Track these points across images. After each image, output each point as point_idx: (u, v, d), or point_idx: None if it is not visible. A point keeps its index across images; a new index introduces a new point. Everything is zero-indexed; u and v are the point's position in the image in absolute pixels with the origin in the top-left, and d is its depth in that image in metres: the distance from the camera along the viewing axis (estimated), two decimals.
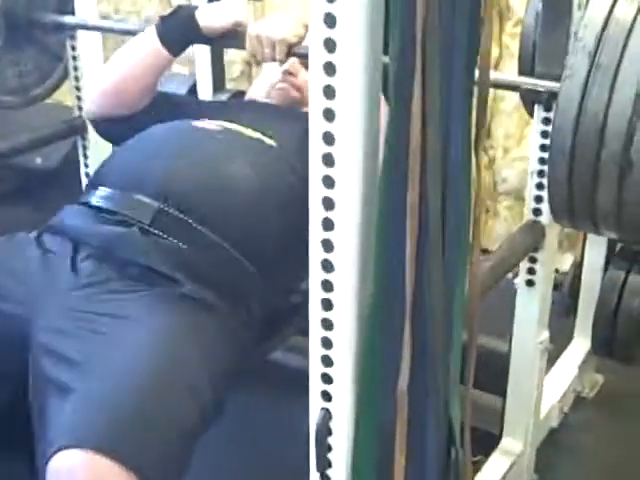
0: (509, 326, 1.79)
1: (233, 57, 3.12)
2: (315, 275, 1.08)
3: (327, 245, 1.05)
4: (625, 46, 1.31)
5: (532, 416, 1.82)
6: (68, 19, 2.06)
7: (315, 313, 1.10)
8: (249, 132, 1.72)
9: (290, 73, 1.92)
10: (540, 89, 1.59)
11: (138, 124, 1.78)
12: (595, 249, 2.11)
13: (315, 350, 1.12)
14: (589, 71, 1.32)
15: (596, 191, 1.37)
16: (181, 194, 1.54)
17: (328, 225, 1.04)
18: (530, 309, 1.76)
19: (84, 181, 2.28)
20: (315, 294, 1.08)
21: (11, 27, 2.06)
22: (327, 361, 1.11)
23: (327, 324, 1.09)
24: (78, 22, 2.06)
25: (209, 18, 1.80)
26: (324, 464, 1.15)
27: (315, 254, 1.06)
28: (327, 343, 1.10)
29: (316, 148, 1.01)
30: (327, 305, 1.08)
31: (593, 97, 1.32)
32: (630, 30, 1.32)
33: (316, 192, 1.04)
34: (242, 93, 2.50)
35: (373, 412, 1.12)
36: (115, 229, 1.50)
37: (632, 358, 2.12)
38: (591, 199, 1.39)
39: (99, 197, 1.57)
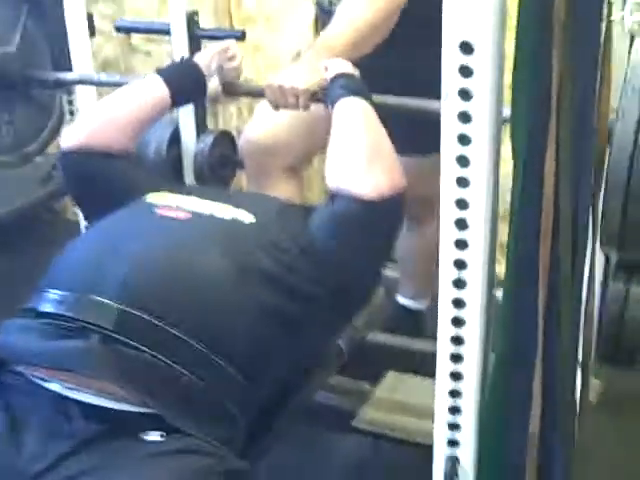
0: None
1: None
2: (444, 328, 1.13)
3: (457, 302, 1.10)
4: None
5: None
6: (68, 76, 2.04)
7: (443, 365, 1.15)
8: (222, 210, 1.50)
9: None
10: None
11: (112, 171, 1.65)
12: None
13: (442, 400, 1.17)
14: None
15: None
16: (146, 293, 1.30)
17: (459, 284, 1.10)
18: None
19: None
20: (444, 348, 1.14)
21: (5, 86, 2.02)
22: (454, 410, 1.17)
23: (456, 376, 1.15)
24: (78, 78, 2.04)
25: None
26: None
27: (444, 321, 1.11)
28: (455, 393, 1.16)
29: (449, 192, 1.07)
30: (456, 358, 1.13)
31: None
32: None
33: (447, 254, 1.09)
34: (226, 133, 2.51)
35: (500, 456, 1.17)
36: (69, 343, 1.24)
37: (634, 364, 2.24)
38: None
39: (48, 302, 1.30)
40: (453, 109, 1.02)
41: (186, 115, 2.35)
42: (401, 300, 2.52)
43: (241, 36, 2.34)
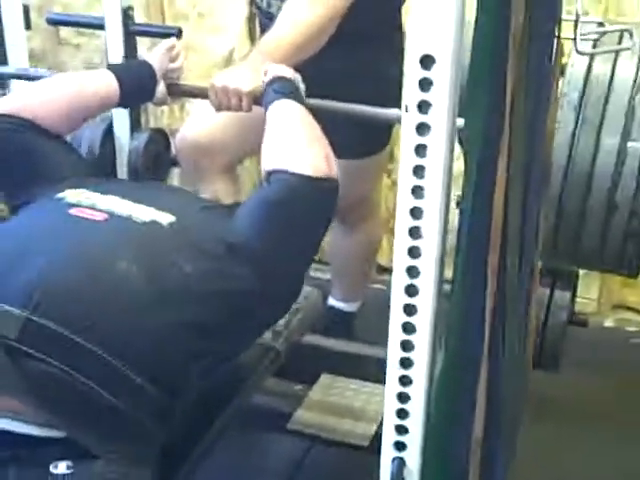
0: None
1: None
2: (395, 334, 1.15)
3: (408, 309, 1.13)
4: (607, 101, 1.47)
5: None
6: (5, 69, 2.00)
7: (392, 370, 1.17)
8: (141, 212, 1.41)
9: None
10: None
11: (38, 146, 1.57)
12: None
13: (390, 404, 1.19)
14: (576, 123, 1.48)
15: (582, 232, 1.53)
16: (55, 301, 1.21)
17: (410, 291, 1.12)
18: None
19: None
20: (393, 352, 1.16)
21: None
22: (402, 414, 1.19)
23: (405, 380, 1.17)
24: (14, 72, 2.00)
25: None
26: None
27: (395, 326, 1.13)
28: (403, 397, 1.18)
29: (405, 201, 1.09)
30: (406, 363, 1.16)
31: (581, 147, 1.47)
32: (609, 87, 1.48)
33: (400, 260, 1.11)
34: (160, 131, 2.49)
35: (445, 460, 1.20)
36: None
37: (556, 368, 2.31)
38: (577, 239, 1.54)
39: None
40: (412, 121, 1.04)
41: (120, 113, 2.32)
42: (332, 302, 2.54)
43: (177, 33, 2.31)
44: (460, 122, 1.08)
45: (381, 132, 2.15)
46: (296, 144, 1.46)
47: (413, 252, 1.11)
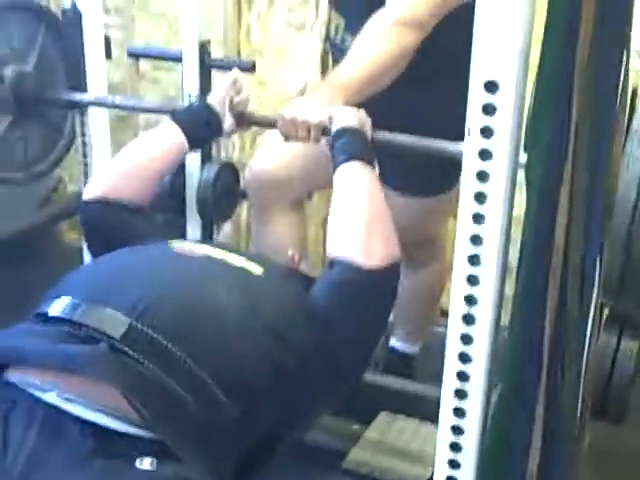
0: None
1: None
2: (450, 366, 1.13)
3: (465, 339, 1.11)
4: None
5: None
6: (83, 97, 2.06)
7: (446, 401, 1.15)
8: (233, 258, 1.54)
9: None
10: None
11: (128, 225, 1.72)
12: None
13: (444, 436, 1.17)
14: None
15: None
16: (157, 313, 1.33)
17: (468, 319, 1.10)
18: None
19: (87, 257, 2.25)
20: (449, 383, 1.14)
21: (19, 103, 2.03)
22: (455, 447, 1.17)
23: (459, 412, 1.15)
24: (92, 100, 2.06)
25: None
26: None
27: (451, 356, 1.12)
28: (457, 430, 1.16)
29: (465, 228, 1.09)
30: (460, 394, 1.14)
31: None
32: None
33: (459, 289, 1.10)
34: (229, 164, 2.53)
35: None
36: (78, 347, 1.27)
37: (622, 419, 2.25)
38: None
39: (60, 307, 1.33)
40: (474, 146, 1.03)
41: None
42: (394, 343, 2.52)
43: (251, 67, 2.37)
44: (524, 158, 1.08)
45: (450, 170, 2.14)
46: (360, 230, 1.50)
47: (471, 280, 1.10)
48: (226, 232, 3.09)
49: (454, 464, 1.18)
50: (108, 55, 2.11)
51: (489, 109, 1.02)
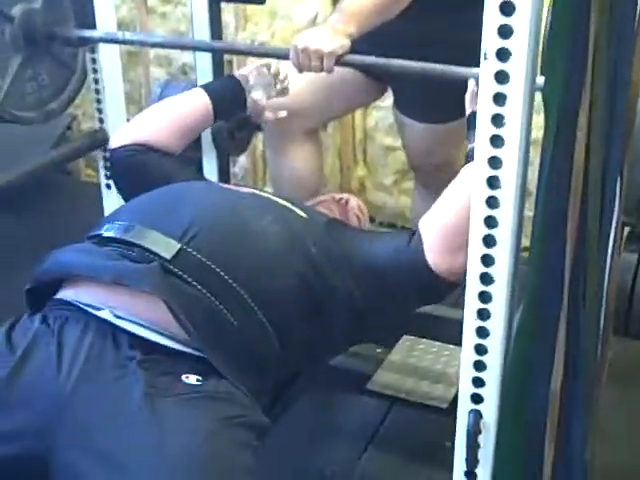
0: None
1: None
2: (472, 288, 1.15)
3: (486, 260, 1.13)
4: None
5: None
6: (93, 33, 2.04)
7: (469, 322, 1.17)
8: (279, 199, 1.63)
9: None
10: None
11: (160, 167, 1.76)
12: None
13: (467, 355, 1.19)
14: None
15: None
16: (206, 239, 1.40)
17: (489, 242, 1.12)
18: None
19: (105, 194, 2.27)
20: (471, 304, 1.16)
21: (29, 42, 2.03)
22: (479, 366, 1.19)
23: (482, 333, 1.17)
24: (102, 36, 2.04)
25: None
26: (473, 463, 1.23)
27: (472, 275, 1.14)
28: (480, 349, 1.18)
29: (483, 151, 1.09)
30: (483, 314, 1.16)
31: None
32: None
33: (478, 212, 1.11)
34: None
35: (521, 412, 1.20)
36: (131, 264, 1.34)
37: None
38: None
39: (113, 228, 1.42)
40: (491, 69, 1.03)
41: (205, 80, 2.36)
42: None
43: (261, 0, 2.34)
44: (541, 80, 1.07)
45: (461, 98, 2.14)
46: (454, 236, 1.44)
47: (490, 203, 1.10)
48: (242, 164, 3.10)
49: (479, 382, 1.20)
50: None
51: (505, 31, 1.01)
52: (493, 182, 1.09)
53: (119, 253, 1.37)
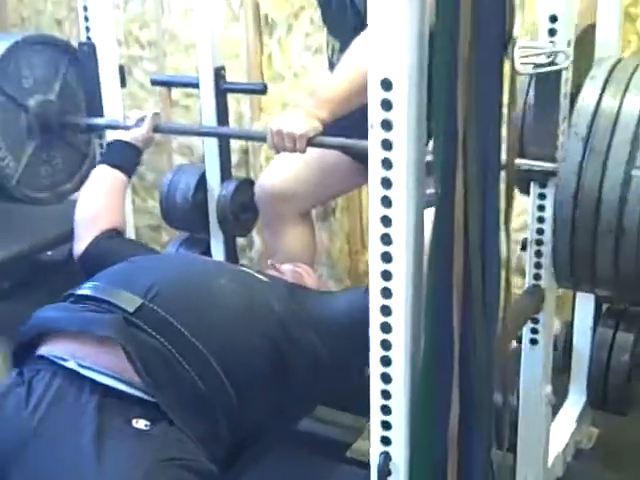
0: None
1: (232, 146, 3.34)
2: (375, 335, 1.26)
3: (385, 310, 1.24)
4: (613, 133, 1.54)
5: (542, 465, 1.99)
6: (99, 121, 2.26)
7: (375, 367, 1.27)
8: (239, 266, 1.88)
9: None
10: (536, 169, 1.81)
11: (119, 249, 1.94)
12: (584, 310, 2.32)
13: (375, 400, 1.29)
14: (583, 154, 1.55)
15: (595, 257, 1.59)
16: (167, 297, 1.58)
17: (386, 294, 1.23)
18: (535, 365, 1.95)
19: None
20: (375, 353, 1.27)
21: (44, 130, 2.25)
22: (385, 410, 1.29)
23: (385, 378, 1.27)
24: (106, 123, 2.26)
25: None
26: None
27: (374, 315, 1.25)
28: (386, 394, 1.28)
29: (375, 210, 1.21)
30: (385, 361, 1.26)
31: (588, 176, 1.54)
32: (616, 120, 1.55)
33: (376, 266, 1.23)
34: (247, 180, 2.69)
35: (427, 452, 1.29)
36: (97, 315, 1.53)
37: (624, 410, 2.31)
38: (591, 264, 1.60)
39: (86, 288, 1.62)
40: (377, 137, 1.17)
41: (212, 164, 2.54)
42: None
43: (263, 89, 2.54)
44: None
45: None
46: None
47: (386, 257, 1.22)
48: (257, 248, 3.25)
49: (386, 425, 1.30)
50: (123, 83, 2.31)
51: (386, 104, 1.15)
52: (386, 239, 1.21)
53: (88, 308, 1.56)
